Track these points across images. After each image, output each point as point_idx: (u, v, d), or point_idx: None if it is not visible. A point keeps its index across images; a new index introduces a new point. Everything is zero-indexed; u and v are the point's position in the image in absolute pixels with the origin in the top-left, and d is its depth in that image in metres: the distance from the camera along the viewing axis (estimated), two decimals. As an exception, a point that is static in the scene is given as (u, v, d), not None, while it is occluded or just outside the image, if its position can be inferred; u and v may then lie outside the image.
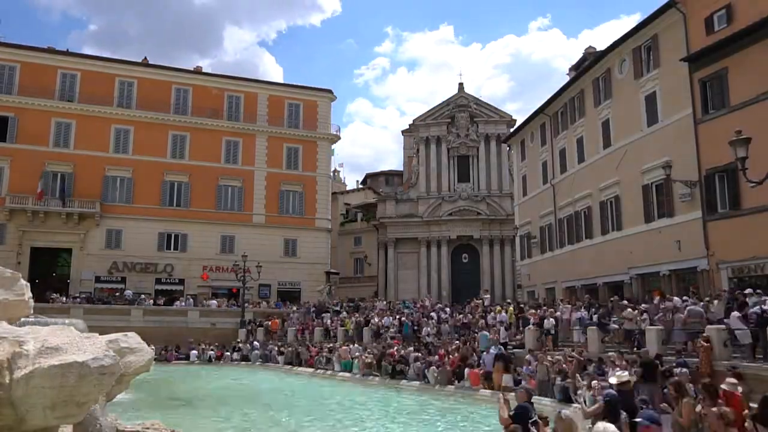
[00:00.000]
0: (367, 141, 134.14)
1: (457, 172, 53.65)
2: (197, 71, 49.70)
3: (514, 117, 53.59)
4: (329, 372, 25.96)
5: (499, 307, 26.42)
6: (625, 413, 8.50)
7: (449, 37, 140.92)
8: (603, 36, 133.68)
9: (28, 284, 7.48)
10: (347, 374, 24.72)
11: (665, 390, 10.75)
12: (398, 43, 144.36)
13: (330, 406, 17.34)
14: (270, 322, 37.19)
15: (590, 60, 32.23)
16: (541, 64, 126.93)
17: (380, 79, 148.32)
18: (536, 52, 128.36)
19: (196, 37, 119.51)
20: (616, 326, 18.94)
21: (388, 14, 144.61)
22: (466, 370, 19.44)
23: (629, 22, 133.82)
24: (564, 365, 16.25)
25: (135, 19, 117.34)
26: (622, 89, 27.62)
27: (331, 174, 54.62)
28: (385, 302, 36.65)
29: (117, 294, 40.69)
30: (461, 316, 26.89)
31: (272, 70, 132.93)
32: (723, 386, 9.27)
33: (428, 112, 55.63)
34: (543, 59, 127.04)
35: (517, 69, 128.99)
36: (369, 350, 25.31)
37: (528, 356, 18.62)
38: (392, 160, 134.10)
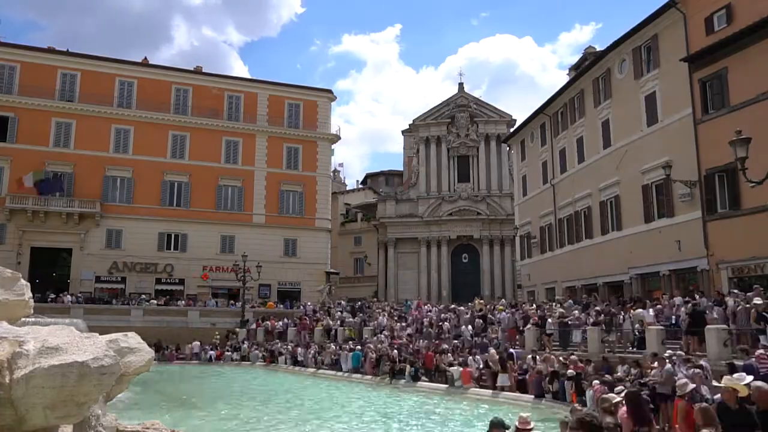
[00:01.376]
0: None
1: (457, 172, 53.69)
2: (197, 71, 49.66)
3: (514, 117, 53.67)
4: (330, 372, 25.97)
5: (499, 307, 26.43)
6: None
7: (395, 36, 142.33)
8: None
9: (28, 284, 7.46)
10: (348, 374, 24.73)
11: None
12: (345, 45, 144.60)
13: (329, 406, 17.35)
14: (269, 322, 37.18)
15: (590, 60, 32.24)
16: (499, 67, 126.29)
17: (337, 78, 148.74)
18: (492, 56, 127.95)
19: (145, 35, 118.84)
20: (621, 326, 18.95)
21: (339, 19, 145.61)
22: (457, 368, 19.48)
23: (588, 31, 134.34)
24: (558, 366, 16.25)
25: (82, 19, 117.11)
26: (622, 89, 27.62)
27: (331, 174, 54.65)
28: (387, 304, 36.75)
29: (118, 295, 40.81)
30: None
31: (237, 66, 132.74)
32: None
33: (428, 111, 55.69)
34: (504, 61, 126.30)
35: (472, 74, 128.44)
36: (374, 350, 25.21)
37: (529, 356, 18.61)
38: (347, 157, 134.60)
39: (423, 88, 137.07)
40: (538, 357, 17.89)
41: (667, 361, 12.84)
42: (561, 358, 16.86)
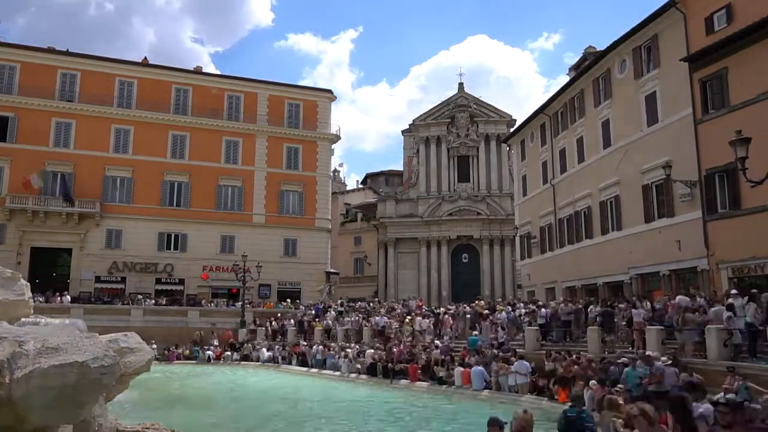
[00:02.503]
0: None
1: (457, 172, 53.70)
2: (197, 71, 49.70)
3: (513, 117, 53.67)
4: (329, 373, 25.98)
5: (499, 307, 26.40)
6: None
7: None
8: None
9: (28, 284, 7.48)
10: (349, 375, 24.75)
11: None
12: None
13: (324, 406, 17.35)
14: (270, 321, 37.18)
15: (590, 60, 32.23)
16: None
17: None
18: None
19: (102, 32, 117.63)
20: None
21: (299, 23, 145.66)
22: (458, 368, 19.49)
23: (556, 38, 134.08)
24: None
25: (39, 19, 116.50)
26: (622, 89, 27.61)
27: (331, 174, 54.69)
28: (388, 303, 36.72)
29: (118, 295, 40.87)
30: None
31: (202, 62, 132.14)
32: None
33: (428, 111, 55.68)
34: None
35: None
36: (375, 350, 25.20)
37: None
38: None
39: (387, 95, 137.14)
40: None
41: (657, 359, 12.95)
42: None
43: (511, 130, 47.21)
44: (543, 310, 22.62)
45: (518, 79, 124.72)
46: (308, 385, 23.48)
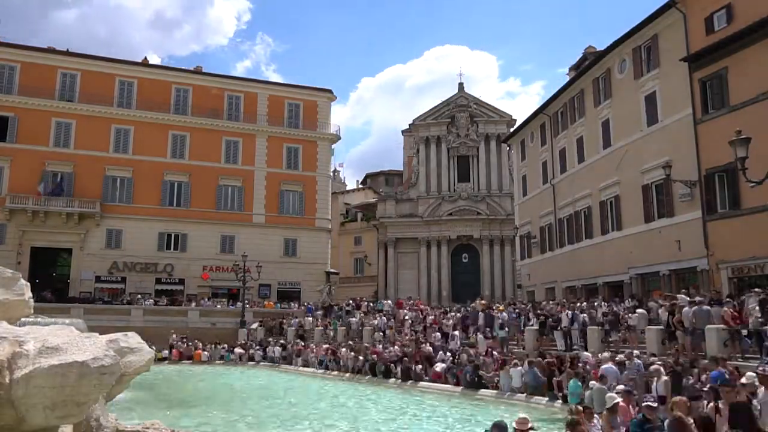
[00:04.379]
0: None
1: (457, 171, 53.70)
2: (197, 71, 49.67)
3: (514, 117, 53.68)
4: (330, 372, 25.99)
5: (500, 306, 26.40)
6: None
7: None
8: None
9: (28, 284, 7.47)
10: (347, 374, 24.77)
11: None
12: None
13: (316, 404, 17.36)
14: (269, 321, 37.14)
15: (590, 60, 32.25)
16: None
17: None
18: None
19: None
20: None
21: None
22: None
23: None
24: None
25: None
26: (622, 89, 27.63)
27: (331, 174, 54.69)
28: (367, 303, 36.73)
29: (118, 295, 40.90)
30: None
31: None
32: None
33: (428, 111, 55.64)
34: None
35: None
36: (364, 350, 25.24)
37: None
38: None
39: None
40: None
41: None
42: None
43: (511, 130, 47.24)
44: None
45: (479, 83, 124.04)
46: (310, 384, 23.49)
